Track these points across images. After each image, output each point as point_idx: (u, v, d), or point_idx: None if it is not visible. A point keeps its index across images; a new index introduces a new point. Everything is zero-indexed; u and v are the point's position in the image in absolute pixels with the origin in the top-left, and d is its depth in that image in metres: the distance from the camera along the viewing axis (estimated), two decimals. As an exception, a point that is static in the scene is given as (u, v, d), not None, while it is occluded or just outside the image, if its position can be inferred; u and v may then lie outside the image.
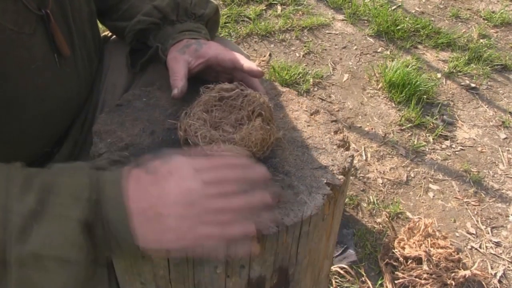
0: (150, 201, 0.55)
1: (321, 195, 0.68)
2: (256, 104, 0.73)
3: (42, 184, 0.55)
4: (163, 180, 0.56)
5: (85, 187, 0.55)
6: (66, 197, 0.54)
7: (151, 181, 0.56)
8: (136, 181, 0.56)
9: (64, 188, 0.55)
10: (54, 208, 0.54)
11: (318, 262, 0.77)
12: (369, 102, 2.17)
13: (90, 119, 0.99)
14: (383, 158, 1.91)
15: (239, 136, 0.69)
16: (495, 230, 1.70)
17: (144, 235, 0.55)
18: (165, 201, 0.55)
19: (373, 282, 1.49)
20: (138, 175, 0.57)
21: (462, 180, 1.86)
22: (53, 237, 0.53)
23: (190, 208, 0.55)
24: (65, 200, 0.54)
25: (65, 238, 0.53)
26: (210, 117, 0.73)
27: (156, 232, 0.55)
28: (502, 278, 1.55)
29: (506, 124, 2.11)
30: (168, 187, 0.55)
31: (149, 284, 0.72)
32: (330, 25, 2.61)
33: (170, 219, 0.54)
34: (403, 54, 2.44)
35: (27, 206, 0.53)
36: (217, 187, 0.57)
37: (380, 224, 1.66)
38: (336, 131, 0.80)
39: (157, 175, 0.56)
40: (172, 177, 0.56)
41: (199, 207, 0.55)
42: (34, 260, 0.53)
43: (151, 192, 0.55)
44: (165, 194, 0.55)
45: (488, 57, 2.44)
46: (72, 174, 0.56)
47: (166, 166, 0.57)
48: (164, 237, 0.55)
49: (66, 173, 0.57)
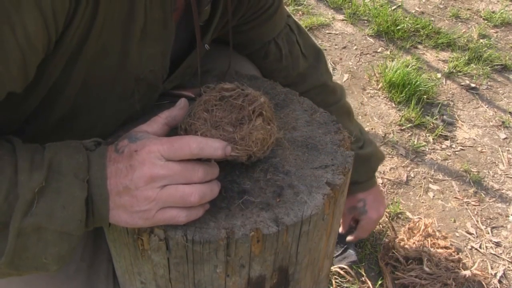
0: (125, 184, 0.59)
1: (321, 194, 0.68)
2: (256, 104, 0.73)
3: (49, 162, 0.59)
4: (138, 166, 0.59)
5: (84, 168, 0.60)
6: (71, 177, 0.59)
7: (126, 167, 0.60)
8: (114, 165, 0.61)
9: (69, 168, 0.59)
10: (61, 186, 0.58)
11: (318, 261, 0.77)
12: (369, 102, 2.17)
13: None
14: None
15: (239, 136, 0.69)
16: (495, 230, 1.70)
17: (117, 215, 0.61)
18: (137, 184, 0.59)
19: (373, 282, 1.49)
20: (116, 158, 0.61)
21: (462, 180, 1.86)
22: (57, 212, 0.58)
23: (160, 193, 0.59)
24: (70, 179, 0.59)
25: (68, 214, 0.58)
26: (210, 117, 0.73)
27: (127, 214, 0.60)
28: (502, 278, 1.55)
29: (506, 124, 2.11)
30: (140, 172, 0.59)
31: (149, 284, 0.72)
32: (330, 25, 2.61)
33: (141, 203, 0.59)
34: (403, 54, 2.44)
35: (36, 182, 0.57)
36: (183, 173, 0.60)
37: (380, 224, 1.66)
38: (336, 131, 0.80)
39: (132, 159, 0.60)
40: (145, 163, 0.59)
41: (167, 191, 0.59)
42: (35, 231, 0.58)
43: (127, 176, 0.59)
44: (136, 178, 0.59)
45: (488, 57, 2.44)
46: (73, 155, 0.61)
47: (140, 150, 0.60)
48: (134, 218, 0.61)
49: (68, 153, 0.61)
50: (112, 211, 0.61)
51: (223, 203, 0.66)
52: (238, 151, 0.69)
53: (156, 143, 0.60)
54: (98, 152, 0.62)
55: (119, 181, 0.60)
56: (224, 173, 0.71)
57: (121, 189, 0.59)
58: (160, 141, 0.60)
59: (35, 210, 0.57)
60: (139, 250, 0.67)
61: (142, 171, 0.58)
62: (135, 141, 0.61)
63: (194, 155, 0.60)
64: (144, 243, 0.65)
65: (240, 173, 0.71)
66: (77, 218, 0.59)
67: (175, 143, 0.60)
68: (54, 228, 0.58)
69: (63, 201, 0.58)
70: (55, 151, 0.61)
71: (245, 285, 0.69)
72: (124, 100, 0.76)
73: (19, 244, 0.58)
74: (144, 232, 0.64)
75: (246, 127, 0.70)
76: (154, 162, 0.59)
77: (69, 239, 0.60)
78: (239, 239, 0.62)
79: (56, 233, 0.59)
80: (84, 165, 0.60)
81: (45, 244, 0.59)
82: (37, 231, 0.58)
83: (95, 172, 0.60)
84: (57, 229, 0.58)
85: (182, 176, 0.60)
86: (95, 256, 0.90)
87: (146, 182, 0.58)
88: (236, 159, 0.70)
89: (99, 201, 0.60)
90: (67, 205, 0.58)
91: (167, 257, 0.66)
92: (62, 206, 0.58)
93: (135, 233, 0.65)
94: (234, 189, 0.69)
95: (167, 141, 0.60)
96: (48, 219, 0.58)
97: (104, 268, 0.90)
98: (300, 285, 0.76)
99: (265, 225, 0.63)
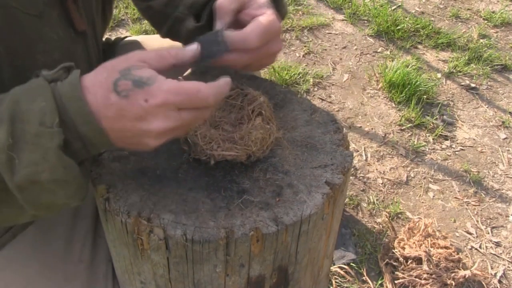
0: (133, 132, 0.56)
1: (321, 194, 0.68)
2: (256, 104, 0.73)
3: (9, 115, 0.54)
4: (150, 119, 0.56)
5: (52, 112, 0.54)
6: (36, 126, 0.54)
7: (135, 117, 0.56)
8: (113, 106, 0.55)
9: (32, 116, 0.54)
10: (29, 138, 0.54)
11: (318, 261, 0.77)
12: (369, 102, 2.17)
13: None
14: (383, 158, 1.91)
15: (238, 135, 0.69)
16: (495, 230, 1.70)
17: (115, 138, 0.57)
18: (149, 135, 0.56)
19: (373, 282, 1.49)
20: (117, 102, 0.55)
21: (462, 180, 1.86)
22: (39, 165, 0.54)
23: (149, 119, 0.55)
24: (37, 129, 0.54)
25: (51, 164, 0.54)
26: (210, 116, 0.73)
27: (123, 138, 0.58)
28: (502, 278, 1.55)
29: (506, 124, 2.11)
30: (152, 125, 0.56)
31: (149, 283, 0.72)
32: (330, 25, 2.61)
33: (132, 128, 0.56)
34: (403, 54, 2.44)
35: (1, 141, 0.53)
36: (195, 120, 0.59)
37: (380, 224, 1.66)
38: (336, 130, 0.80)
39: (141, 109, 0.55)
40: (158, 116, 0.56)
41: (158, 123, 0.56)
42: (32, 184, 0.55)
43: (136, 126, 0.56)
44: (148, 131, 0.56)
45: (488, 57, 2.44)
46: (35, 98, 0.55)
47: (150, 100, 0.55)
48: (128, 143, 0.58)
49: (29, 98, 0.55)
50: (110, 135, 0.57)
51: (223, 202, 0.66)
52: (238, 150, 0.69)
53: (169, 92, 0.55)
54: (70, 82, 0.56)
55: (123, 126, 0.56)
56: (223, 172, 0.71)
57: (128, 134, 0.57)
58: (174, 90, 0.55)
59: (19, 166, 0.54)
60: (139, 249, 0.67)
61: (156, 125, 0.55)
62: (142, 86, 0.54)
63: (210, 105, 0.58)
64: (143, 243, 0.65)
65: (239, 173, 0.71)
66: (61, 165, 0.55)
67: (191, 94, 0.55)
68: (47, 178, 0.55)
69: (39, 153, 0.54)
70: (16, 99, 0.55)
71: (244, 285, 0.69)
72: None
73: (28, 197, 0.56)
74: (143, 231, 0.64)
75: (245, 127, 0.70)
76: (168, 115, 0.55)
77: (70, 184, 0.57)
78: (239, 239, 0.62)
79: (54, 182, 0.56)
80: (53, 109, 0.54)
81: (51, 192, 0.57)
82: (35, 184, 0.55)
83: (73, 108, 0.55)
84: (52, 179, 0.55)
85: (194, 122, 0.59)
86: (94, 256, 0.90)
87: (158, 136, 0.57)
88: (236, 159, 0.70)
89: (90, 135, 0.56)
90: (46, 156, 0.54)
91: (166, 257, 0.66)
92: (42, 158, 0.54)
93: (135, 232, 0.65)
94: (234, 188, 0.69)
95: (182, 91, 0.55)
96: (35, 173, 0.54)
97: (103, 269, 0.90)
98: (300, 284, 0.76)
99: (265, 224, 0.63)
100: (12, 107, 0.55)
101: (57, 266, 0.86)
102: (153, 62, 0.58)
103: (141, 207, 0.65)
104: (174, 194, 0.67)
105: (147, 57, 0.58)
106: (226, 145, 0.69)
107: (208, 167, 0.71)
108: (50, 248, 0.87)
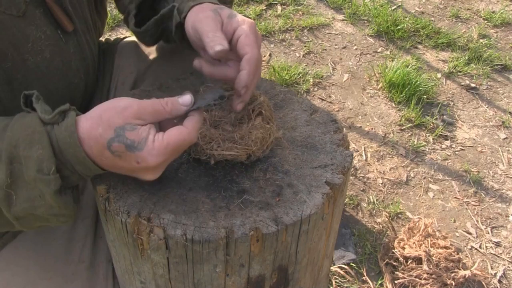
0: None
1: (321, 194, 0.68)
2: (256, 103, 0.73)
3: (7, 157, 0.58)
4: (142, 174, 0.62)
5: (49, 160, 0.58)
6: (34, 173, 0.58)
7: (127, 170, 0.62)
8: (108, 160, 0.60)
9: (30, 162, 0.58)
10: (27, 179, 0.58)
11: (317, 261, 0.77)
12: (369, 102, 2.17)
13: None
14: (383, 158, 1.91)
15: (238, 135, 0.69)
16: (495, 230, 1.70)
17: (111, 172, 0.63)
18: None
19: (373, 282, 1.48)
20: (110, 158, 0.60)
21: (462, 180, 1.86)
22: (36, 201, 0.60)
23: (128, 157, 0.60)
24: (34, 175, 0.58)
25: (47, 203, 0.60)
26: (209, 116, 0.73)
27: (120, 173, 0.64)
28: (502, 278, 1.55)
29: (506, 124, 2.11)
30: (144, 177, 0.63)
31: (149, 283, 0.72)
32: (330, 25, 2.61)
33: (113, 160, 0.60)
34: (403, 54, 2.44)
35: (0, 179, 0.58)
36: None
37: (380, 224, 1.66)
38: (336, 130, 0.80)
39: (133, 168, 0.61)
40: (149, 171, 0.62)
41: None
42: (29, 215, 0.61)
43: (128, 172, 0.62)
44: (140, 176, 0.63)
45: (488, 57, 2.44)
46: (32, 144, 0.58)
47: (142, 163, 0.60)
48: (116, 170, 0.63)
49: (27, 144, 0.58)
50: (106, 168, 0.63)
51: (223, 202, 0.66)
52: (238, 150, 0.69)
53: (159, 155, 0.59)
54: (66, 125, 0.59)
55: (119, 170, 0.62)
56: (223, 172, 0.71)
57: (124, 172, 0.63)
58: (162, 151, 0.60)
59: (16, 201, 0.59)
60: (139, 249, 0.67)
61: (147, 177, 0.63)
62: (134, 151, 0.59)
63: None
64: (143, 243, 0.65)
65: (239, 173, 0.71)
66: (56, 205, 0.60)
67: (179, 146, 0.61)
68: (43, 213, 0.61)
69: (36, 194, 0.59)
70: (15, 144, 0.58)
71: (244, 285, 0.69)
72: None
73: (23, 223, 0.63)
74: (143, 231, 0.64)
75: (245, 127, 0.70)
76: (158, 167, 0.62)
77: (65, 216, 0.63)
78: (239, 239, 0.62)
79: (49, 215, 0.61)
80: (50, 157, 0.58)
81: (46, 220, 0.63)
82: (32, 215, 0.61)
83: (68, 151, 0.59)
84: (47, 213, 0.61)
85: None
86: (94, 257, 0.90)
87: (154, 173, 0.63)
88: (236, 158, 0.70)
89: (83, 169, 0.61)
90: (42, 196, 0.59)
91: (166, 257, 0.66)
92: (38, 197, 0.59)
93: (135, 232, 0.65)
94: (234, 188, 0.69)
95: (170, 147, 0.60)
96: (31, 208, 0.60)
97: (103, 269, 0.89)
98: (300, 284, 0.76)
99: (265, 224, 0.63)
100: (10, 151, 0.58)
101: (57, 267, 0.86)
102: (148, 118, 0.61)
103: (141, 207, 0.65)
104: (174, 194, 0.67)
105: (143, 113, 0.60)
106: (226, 144, 0.69)
107: (208, 167, 0.71)
108: (50, 249, 0.87)
